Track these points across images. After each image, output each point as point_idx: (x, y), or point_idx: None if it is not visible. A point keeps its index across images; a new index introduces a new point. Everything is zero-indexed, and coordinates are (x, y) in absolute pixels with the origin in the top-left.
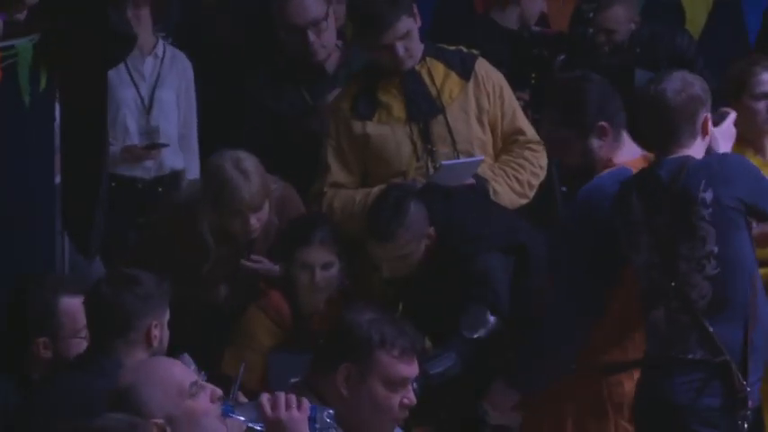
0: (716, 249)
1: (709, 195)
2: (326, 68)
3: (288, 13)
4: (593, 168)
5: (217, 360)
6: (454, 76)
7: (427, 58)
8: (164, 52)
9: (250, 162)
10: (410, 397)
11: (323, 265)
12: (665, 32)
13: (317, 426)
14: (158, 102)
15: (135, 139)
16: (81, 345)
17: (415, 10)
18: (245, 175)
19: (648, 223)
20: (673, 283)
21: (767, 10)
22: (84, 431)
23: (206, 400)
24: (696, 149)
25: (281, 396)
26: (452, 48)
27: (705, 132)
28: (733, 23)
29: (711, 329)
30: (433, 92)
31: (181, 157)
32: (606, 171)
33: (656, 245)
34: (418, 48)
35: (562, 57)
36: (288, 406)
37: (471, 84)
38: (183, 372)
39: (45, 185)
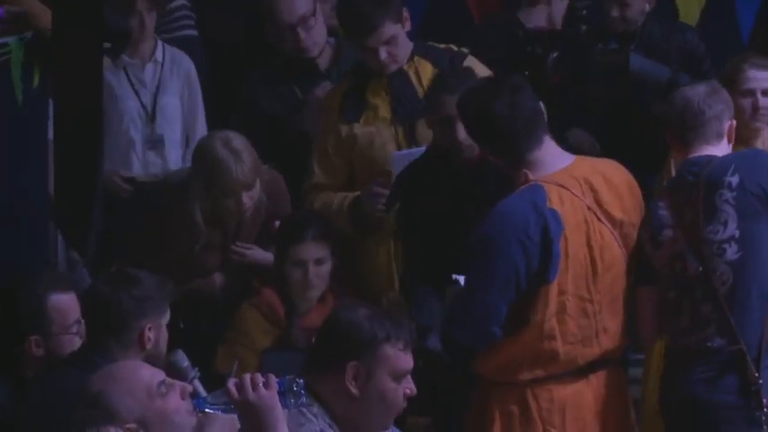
0: (737, 233)
1: (735, 180)
2: (320, 66)
3: (276, 11)
4: (513, 182)
5: (210, 357)
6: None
7: (415, 58)
8: (164, 56)
9: (239, 141)
10: (411, 387)
11: (316, 260)
12: (675, 29)
13: (291, 400)
14: (161, 109)
15: (139, 149)
16: (73, 341)
17: (405, 14)
18: (236, 155)
19: (674, 217)
20: (700, 268)
21: (761, 10)
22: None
23: (176, 397)
24: (721, 150)
25: (247, 377)
26: (442, 46)
27: (730, 138)
28: (726, 21)
29: (731, 318)
30: (420, 92)
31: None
32: (519, 189)
33: (681, 233)
34: (404, 52)
35: (555, 54)
36: (254, 386)
37: None
38: (149, 373)
39: (38, 183)
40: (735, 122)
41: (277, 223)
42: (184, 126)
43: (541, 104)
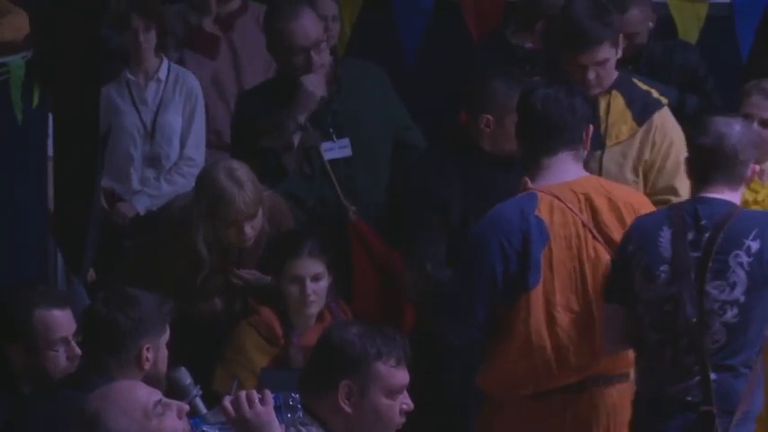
0: (742, 299)
1: (755, 245)
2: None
3: (291, 36)
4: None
5: (210, 377)
6: (629, 118)
7: (613, 91)
8: (168, 75)
9: (243, 171)
10: (408, 402)
11: (313, 276)
12: (677, 47)
13: (288, 415)
14: (160, 127)
15: (138, 166)
16: (57, 359)
17: (620, 41)
18: (240, 185)
19: (676, 256)
20: (694, 319)
21: (760, 29)
22: None
23: (173, 417)
24: (738, 195)
25: (242, 395)
26: (644, 87)
27: (748, 182)
28: (725, 39)
29: (714, 377)
30: (602, 127)
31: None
32: (517, 195)
33: (680, 278)
34: (610, 78)
35: None
36: (251, 403)
37: (642, 130)
38: (146, 393)
39: (37, 203)
40: (758, 167)
41: None
42: (186, 144)
43: (590, 127)
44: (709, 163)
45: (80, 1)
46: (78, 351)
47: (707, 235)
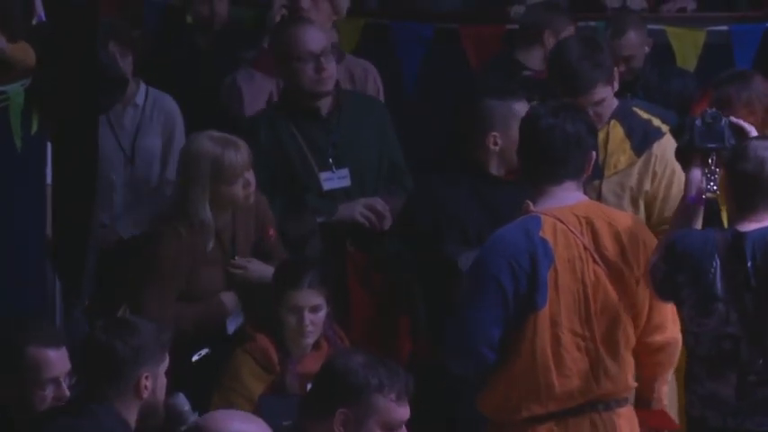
0: None
1: None
2: (321, 111)
3: (302, 41)
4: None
5: (207, 402)
6: (628, 147)
7: (612, 121)
8: (145, 99)
9: (218, 133)
10: None
11: (311, 308)
12: (674, 73)
13: None
14: (140, 152)
15: (120, 191)
16: (44, 398)
17: (615, 73)
18: (227, 141)
19: (731, 294)
20: (761, 360)
21: (758, 56)
22: None
23: None
24: None
25: None
26: (645, 116)
27: None
28: (723, 67)
29: None
30: (601, 157)
31: None
32: (519, 218)
33: (737, 316)
34: (609, 112)
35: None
36: None
37: (641, 161)
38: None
39: (36, 229)
40: None
41: (272, 231)
42: (167, 168)
43: (593, 155)
44: (752, 189)
45: (78, 28)
46: (67, 394)
47: (756, 276)
